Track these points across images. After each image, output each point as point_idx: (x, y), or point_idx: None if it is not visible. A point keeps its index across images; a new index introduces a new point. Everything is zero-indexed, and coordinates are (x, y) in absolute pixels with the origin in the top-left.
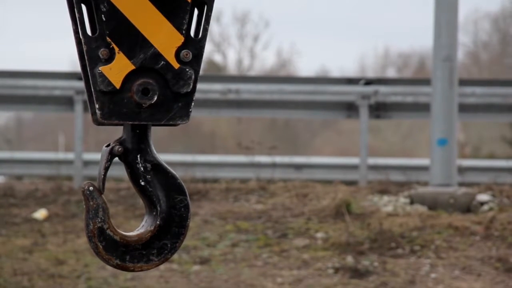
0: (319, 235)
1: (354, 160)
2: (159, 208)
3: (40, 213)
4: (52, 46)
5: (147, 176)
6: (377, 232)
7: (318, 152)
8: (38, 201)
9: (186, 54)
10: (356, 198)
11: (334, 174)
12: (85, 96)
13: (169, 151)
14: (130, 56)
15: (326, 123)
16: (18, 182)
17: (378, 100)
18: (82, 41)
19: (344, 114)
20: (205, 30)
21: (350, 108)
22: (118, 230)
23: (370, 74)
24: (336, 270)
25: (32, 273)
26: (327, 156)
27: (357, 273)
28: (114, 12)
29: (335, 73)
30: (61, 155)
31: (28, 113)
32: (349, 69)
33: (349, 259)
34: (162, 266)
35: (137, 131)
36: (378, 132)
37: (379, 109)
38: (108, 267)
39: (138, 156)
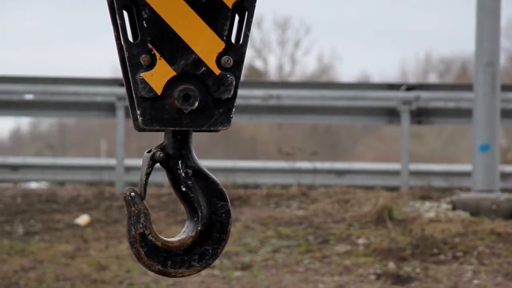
0: (361, 241)
1: (395, 166)
2: (200, 214)
3: (82, 219)
4: (94, 53)
5: (188, 182)
6: (419, 238)
7: (359, 158)
8: (80, 207)
9: (227, 60)
10: (398, 204)
11: (376, 180)
12: (127, 102)
13: (210, 156)
14: (171, 63)
15: (367, 129)
16: (60, 188)
17: (419, 105)
18: (124, 47)
19: (385, 120)
20: (246, 36)
21: (391, 114)
22: (160, 236)
23: (412, 79)
24: (378, 276)
25: (75, 278)
26: (368, 162)
27: (399, 280)
28: (156, 19)
29: (376, 78)
30: (103, 161)
31: (71, 119)
32: (390, 75)
33: (391, 265)
34: (203, 272)
35: (178, 137)
36: (420, 138)
37: (420, 115)
38: (150, 272)
39: (179, 162)
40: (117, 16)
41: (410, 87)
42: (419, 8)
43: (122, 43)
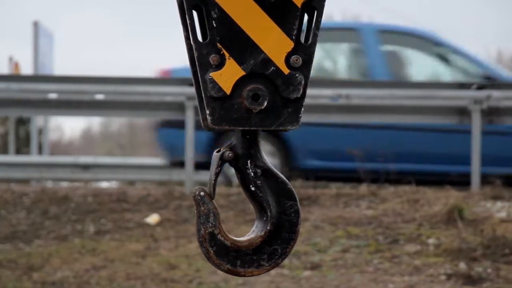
0: (431, 241)
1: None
2: (269, 214)
3: (152, 218)
4: (164, 53)
5: (257, 182)
6: (490, 238)
7: None
8: (150, 206)
9: (296, 60)
10: (469, 204)
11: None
12: (196, 102)
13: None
14: (240, 62)
15: None
16: (130, 187)
17: (490, 104)
18: (193, 47)
19: (456, 119)
20: (315, 35)
21: (462, 113)
22: (229, 235)
23: None
24: (449, 276)
25: (145, 277)
26: None
27: (470, 280)
28: (225, 18)
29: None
30: None
31: (140, 119)
32: None
33: (462, 266)
34: (273, 271)
35: (247, 136)
36: None
37: (491, 114)
38: (220, 272)
39: (248, 161)
40: (186, 16)
41: (481, 86)
42: (491, 5)
43: (192, 43)
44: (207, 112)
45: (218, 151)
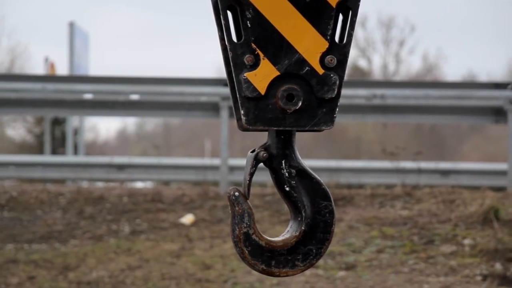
0: (467, 241)
1: (502, 166)
2: (304, 214)
3: (187, 218)
4: (199, 53)
5: (292, 182)
6: None
7: (465, 157)
8: (185, 206)
9: (331, 60)
10: (505, 205)
11: (482, 180)
12: (231, 102)
13: (314, 156)
14: (274, 62)
15: (473, 129)
16: (165, 187)
17: None
18: (228, 47)
19: (491, 119)
20: (350, 36)
21: (498, 113)
22: (264, 236)
23: None
24: (485, 277)
25: (180, 277)
26: (474, 161)
27: (506, 281)
28: (259, 19)
29: (483, 77)
30: (207, 161)
31: (175, 119)
32: (497, 74)
33: (498, 266)
34: (307, 272)
35: (282, 136)
36: None
37: None
38: (254, 272)
39: (283, 161)
40: (221, 16)
41: None
42: None
43: (226, 43)
44: (242, 112)
45: (252, 151)
